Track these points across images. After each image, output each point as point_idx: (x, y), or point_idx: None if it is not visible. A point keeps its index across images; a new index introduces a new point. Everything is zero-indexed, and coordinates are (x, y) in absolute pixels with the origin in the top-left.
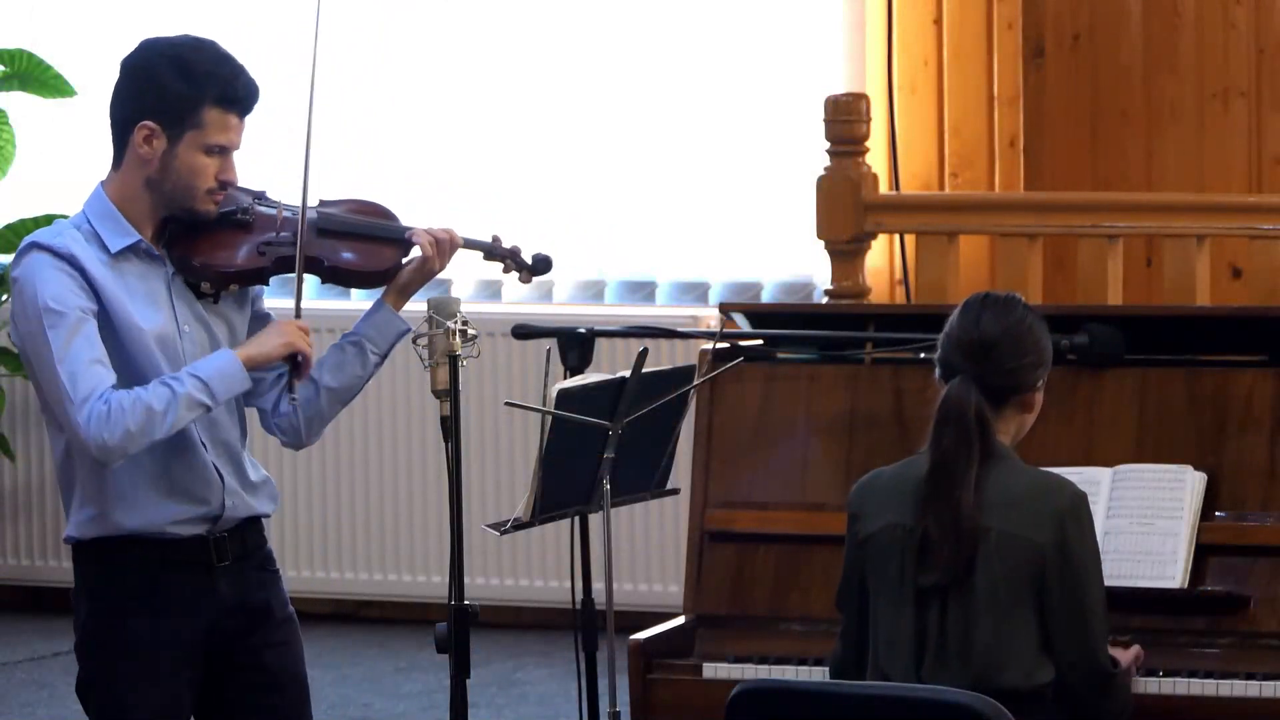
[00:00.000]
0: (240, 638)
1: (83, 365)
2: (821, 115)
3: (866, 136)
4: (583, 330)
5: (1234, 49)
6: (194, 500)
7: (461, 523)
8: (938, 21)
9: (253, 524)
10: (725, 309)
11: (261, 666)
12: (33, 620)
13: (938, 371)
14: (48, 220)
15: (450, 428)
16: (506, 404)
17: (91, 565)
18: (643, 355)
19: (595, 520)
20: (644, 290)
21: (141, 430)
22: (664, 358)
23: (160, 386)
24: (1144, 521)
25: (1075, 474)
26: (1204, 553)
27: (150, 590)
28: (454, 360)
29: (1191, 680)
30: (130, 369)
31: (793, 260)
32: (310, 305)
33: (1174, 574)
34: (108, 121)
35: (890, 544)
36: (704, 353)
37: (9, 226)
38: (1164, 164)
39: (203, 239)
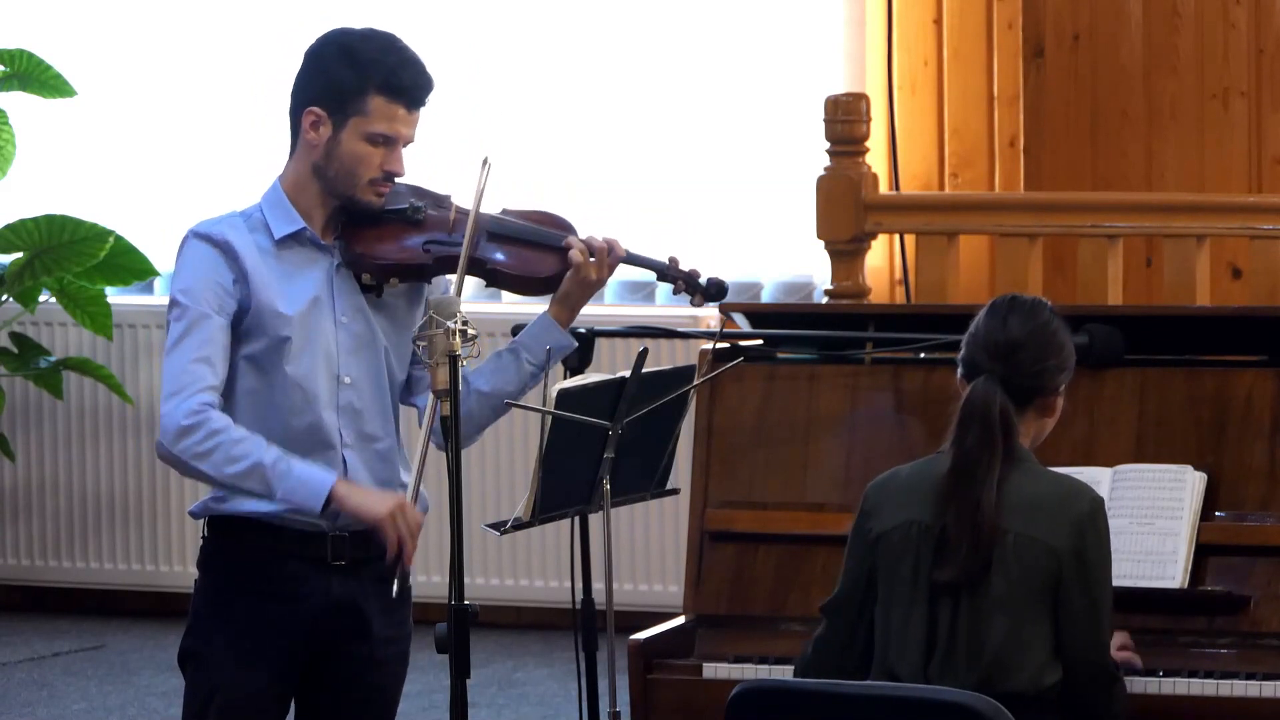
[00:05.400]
0: (345, 644)
1: (184, 362)
2: (821, 115)
3: (866, 136)
4: (583, 330)
5: (1234, 49)
6: None
7: (461, 523)
8: (938, 21)
9: None
10: (725, 309)
11: (360, 683)
12: (33, 620)
13: (960, 371)
14: (47, 220)
15: (450, 428)
16: (506, 404)
17: (210, 542)
18: (643, 355)
19: (595, 520)
20: (644, 290)
21: (204, 455)
22: (664, 358)
23: (252, 441)
24: (1144, 521)
25: (1075, 474)
26: (1204, 553)
27: (261, 575)
28: (454, 360)
29: (1191, 680)
30: (268, 355)
31: (793, 260)
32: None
33: (1174, 574)
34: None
35: (906, 541)
36: (704, 353)
37: (9, 226)
38: (1164, 164)
39: (370, 230)
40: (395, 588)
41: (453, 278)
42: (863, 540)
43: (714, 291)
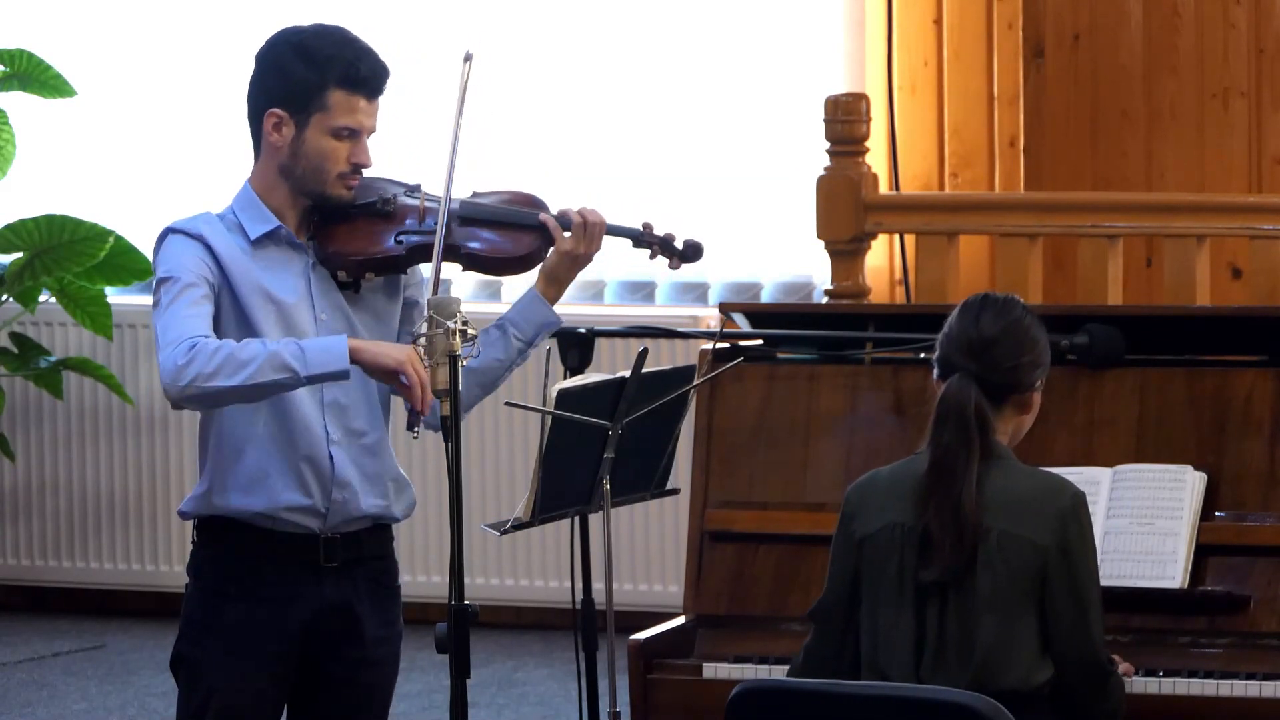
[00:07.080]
0: (338, 645)
1: (179, 316)
2: (821, 115)
3: (866, 136)
4: (583, 330)
5: (1234, 49)
6: (299, 488)
7: (461, 523)
8: (938, 21)
9: (375, 531)
10: (725, 309)
11: (354, 683)
12: (33, 620)
13: (935, 371)
14: (47, 220)
15: (450, 428)
16: (506, 404)
17: (201, 544)
18: (643, 355)
19: (595, 520)
20: (644, 290)
21: (216, 371)
22: (664, 358)
23: (254, 341)
24: (1144, 521)
25: (1075, 474)
26: (1204, 553)
27: (252, 578)
28: (454, 360)
29: (1191, 680)
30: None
31: (793, 260)
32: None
33: (1174, 574)
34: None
35: (890, 543)
36: (704, 353)
37: (9, 226)
38: (1164, 164)
39: (342, 227)
40: (418, 430)
41: (430, 267)
42: (847, 544)
43: (690, 254)
